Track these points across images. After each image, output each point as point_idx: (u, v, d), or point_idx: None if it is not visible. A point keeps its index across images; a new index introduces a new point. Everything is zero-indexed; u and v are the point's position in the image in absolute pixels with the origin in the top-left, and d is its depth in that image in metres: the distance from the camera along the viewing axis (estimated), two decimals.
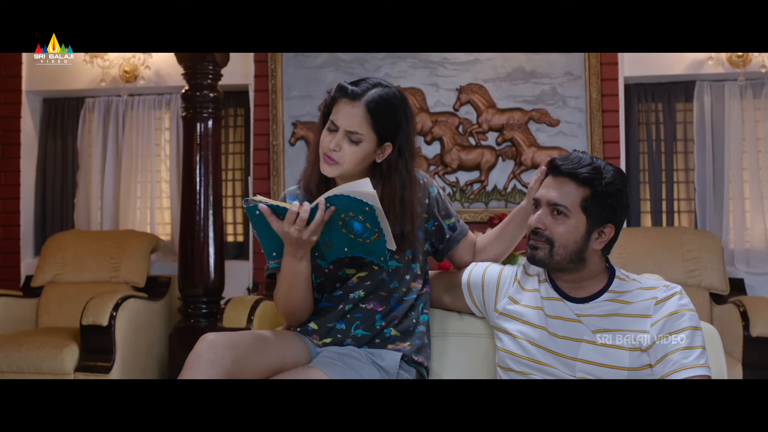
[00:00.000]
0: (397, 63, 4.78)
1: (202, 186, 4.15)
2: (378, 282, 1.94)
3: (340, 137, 1.85)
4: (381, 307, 1.94)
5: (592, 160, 1.81)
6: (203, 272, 4.14)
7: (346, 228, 1.73)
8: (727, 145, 4.65)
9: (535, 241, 1.84)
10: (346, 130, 1.84)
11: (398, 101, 1.89)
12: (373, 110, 1.83)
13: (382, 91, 1.86)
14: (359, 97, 1.84)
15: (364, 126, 1.84)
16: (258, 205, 1.72)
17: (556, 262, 1.82)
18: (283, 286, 1.89)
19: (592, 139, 4.57)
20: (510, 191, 4.70)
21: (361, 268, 1.93)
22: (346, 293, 1.94)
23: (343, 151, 1.85)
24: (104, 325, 3.97)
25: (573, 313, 1.83)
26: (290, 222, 1.72)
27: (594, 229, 1.80)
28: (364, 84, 1.86)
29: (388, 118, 1.86)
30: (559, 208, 1.80)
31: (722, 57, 4.56)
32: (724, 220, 4.65)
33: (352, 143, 1.85)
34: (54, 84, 5.22)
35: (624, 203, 1.84)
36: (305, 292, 1.89)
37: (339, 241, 1.77)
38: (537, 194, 1.86)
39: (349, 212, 1.71)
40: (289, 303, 1.92)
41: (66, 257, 4.78)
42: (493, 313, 1.97)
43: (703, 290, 4.16)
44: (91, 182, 5.25)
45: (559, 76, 4.66)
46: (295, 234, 1.72)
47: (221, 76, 4.26)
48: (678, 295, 1.78)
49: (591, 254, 1.82)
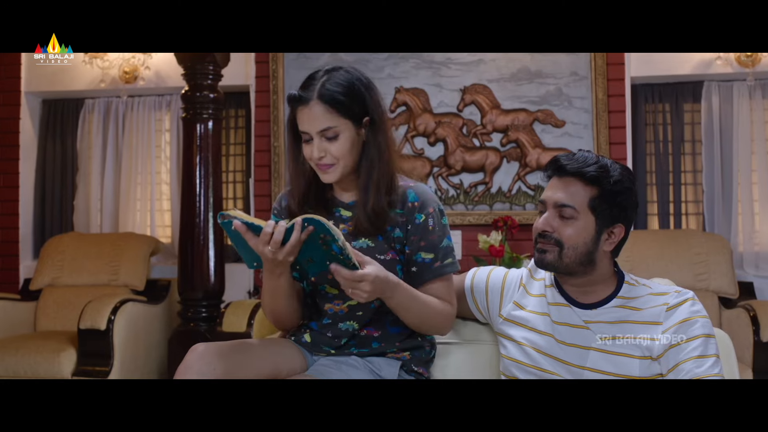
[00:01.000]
0: (400, 63, 4.72)
1: (202, 188, 4.13)
2: (371, 312, 1.84)
3: (318, 142, 1.76)
4: (377, 332, 1.86)
5: (598, 158, 1.76)
6: (203, 275, 4.12)
7: (326, 245, 1.65)
8: (736, 147, 4.59)
9: (543, 244, 1.77)
10: (317, 132, 1.76)
11: (350, 77, 1.79)
12: (329, 99, 1.74)
13: (329, 78, 1.77)
14: (310, 96, 1.75)
15: (329, 119, 1.75)
16: (233, 222, 1.64)
17: (565, 265, 1.75)
18: (266, 296, 1.84)
19: (599, 141, 4.51)
20: (515, 193, 4.63)
21: (347, 297, 1.78)
22: (335, 323, 1.86)
23: (330, 151, 1.77)
24: (102, 329, 3.93)
25: (580, 319, 1.76)
26: (264, 242, 1.64)
27: (603, 229, 1.74)
28: (310, 82, 1.78)
29: (349, 98, 1.76)
30: (566, 210, 1.74)
31: (731, 57, 4.49)
32: (733, 223, 4.59)
33: (331, 140, 1.76)
34: (53, 85, 5.17)
35: (633, 202, 1.78)
36: (290, 300, 1.83)
37: (321, 259, 1.69)
38: (543, 196, 1.80)
39: (326, 236, 1.63)
40: (275, 312, 1.86)
41: (65, 260, 4.73)
42: (498, 319, 1.90)
43: (712, 294, 4.10)
44: (90, 184, 5.20)
45: (565, 76, 4.59)
46: (269, 255, 1.65)
47: (221, 77, 4.23)
48: (690, 301, 1.71)
49: (601, 256, 1.76)
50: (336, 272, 1.62)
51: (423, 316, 1.79)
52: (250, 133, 4.99)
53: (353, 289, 1.63)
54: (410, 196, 1.83)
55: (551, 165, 1.80)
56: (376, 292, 1.66)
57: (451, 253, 1.85)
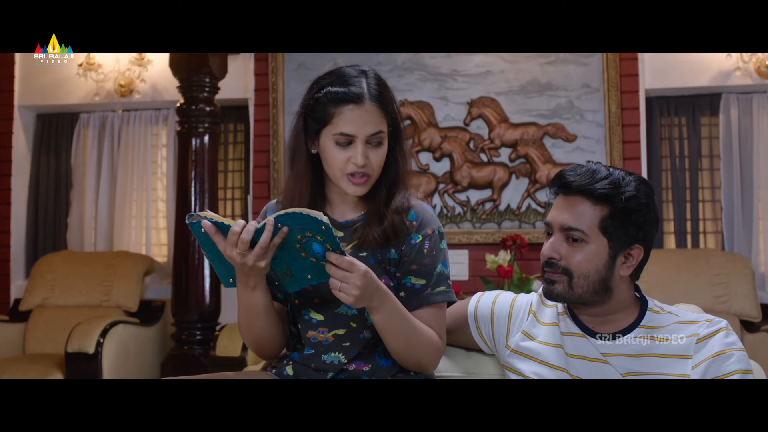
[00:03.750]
0: (405, 75, 4.55)
1: (197, 205, 4.04)
2: (360, 344, 1.64)
3: (362, 148, 1.57)
4: (366, 366, 1.65)
5: (609, 171, 1.55)
6: (198, 296, 4.00)
7: (305, 251, 1.46)
8: (756, 162, 4.42)
9: (551, 273, 1.57)
10: (368, 135, 1.58)
11: (383, 80, 1.65)
12: (382, 100, 1.59)
13: (372, 75, 1.62)
14: (363, 94, 1.57)
15: (381, 123, 1.59)
16: (201, 222, 1.46)
17: (578, 296, 1.55)
18: (241, 315, 1.63)
19: (612, 155, 4.33)
20: (524, 211, 4.44)
21: (334, 324, 1.63)
22: (318, 353, 1.65)
23: (371, 161, 1.59)
24: (90, 352, 3.78)
25: (598, 352, 1.55)
26: (232, 244, 1.45)
27: (619, 252, 1.54)
28: (354, 80, 1.59)
29: (389, 100, 1.62)
30: (574, 233, 1.53)
31: (750, 68, 4.32)
32: (754, 242, 4.41)
33: (376, 147, 1.60)
34: (47, 99, 5.02)
35: (651, 218, 1.56)
36: (267, 321, 1.62)
37: (300, 268, 1.50)
38: (549, 218, 1.59)
39: (305, 232, 1.44)
40: (252, 334, 1.65)
41: (56, 280, 4.57)
42: (504, 350, 1.69)
43: (733, 317, 3.92)
44: (84, 201, 5.03)
45: (576, 88, 4.41)
46: (237, 259, 1.46)
47: (218, 89, 4.10)
48: (724, 331, 1.52)
49: (618, 282, 1.56)
50: (328, 256, 1.44)
51: (410, 340, 1.58)
52: (249, 149, 4.81)
53: (342, 283, 1.44)
54: (410, 214, 1.65)
55: (556, 181, 1.59)
56: (366, 293, 1.46)
57: (446, 281, 1.65)
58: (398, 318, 1.55)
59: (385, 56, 4.53)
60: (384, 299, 1.52)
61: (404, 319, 1.56)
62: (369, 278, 1.46)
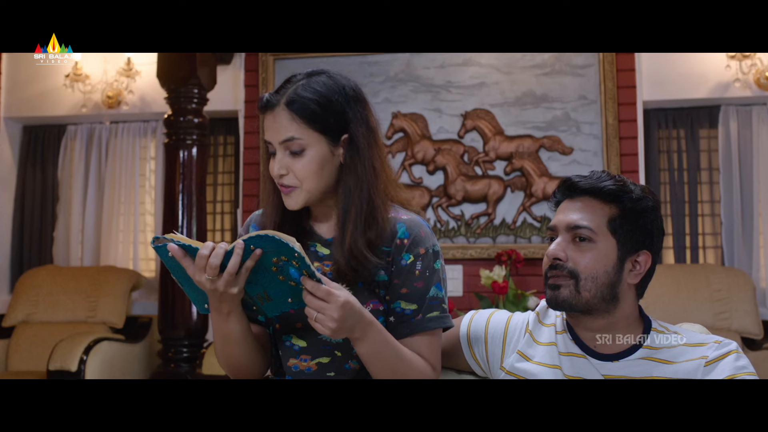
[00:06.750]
0: (398, 87, 4.47)
1: (184, 218, 3.95)
2: (345, 374, 1.53)
3: (281, 157, 1.47)
4: None
5: (614, 175, 1.51)
6: (185, 313, 3.92)
7: (282, 274, 1.35)
8: (756, 175, 4.35)
9: (556, 277, 1.48)
10: (279, 142, 1.46)
11: (331, 84, 1.49)
12: (299, 106, 1.45)
13: (307, 82, 1.48)
14: (277, 101, 1.47)
15: (294, 128, 1.45)
16: (167, 246, 1.35)
17: (585, 301, 1.46)
18: (217, 342, 1.52)
19: (609, 169, 4.24)
20: (519, 225, 4.35)
21: (317, 352, 1.52)
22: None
23: (293, 170, 1.47)
24: (73, 370, 3.69)
25: (599, 373, 1.46)
26: (200, 269, 1.35)
27: (627, 256, 1.48)
28: (284, 85, 1.50)
29: (323, 108, 1.46)
30: (582, 232, 1.46)
31: (749, 79, 4.24)
32: (754, 257, 4.34)
33: (296, 156, 1.46)
34: (34, 110, 4.93)
35: (659, 226, 1.51)
36: (245, 350, 1.52)
37: (278, 292, 1.39)
38: (553, 221, 1.52)
39: (281, 256, 1.33)
40: (229, 361, 1.54)
41: (40, 295, 4.46)
42: (499, 372, 1.59)
43: (734, 334, 3.83)
44: (71, 215, 4.94)
45: (573, 100, 4.33)
46: (207, 285, 1.35)
47: (207, 101, 4.04)
48: (734, 354, 1.43)
49: (625, 291, 1.49)
50: (303, 282, 1.33)
51: (398, 372, 1.45)
52: (239, 161, 4.72)
53: (318, 313, 1.32)
54: (400, 230, 1.51)
55: (561, 186, 1.54)
56: (346, 325, 1.34)
57: (440, 305, 1.52)
58: (384, 348, 1.43)
59: (378, 67, 4.46)
60: (367, 330, 1.40)
61: (391, 349, 1.44)
62: (349, 309, 1.34)
